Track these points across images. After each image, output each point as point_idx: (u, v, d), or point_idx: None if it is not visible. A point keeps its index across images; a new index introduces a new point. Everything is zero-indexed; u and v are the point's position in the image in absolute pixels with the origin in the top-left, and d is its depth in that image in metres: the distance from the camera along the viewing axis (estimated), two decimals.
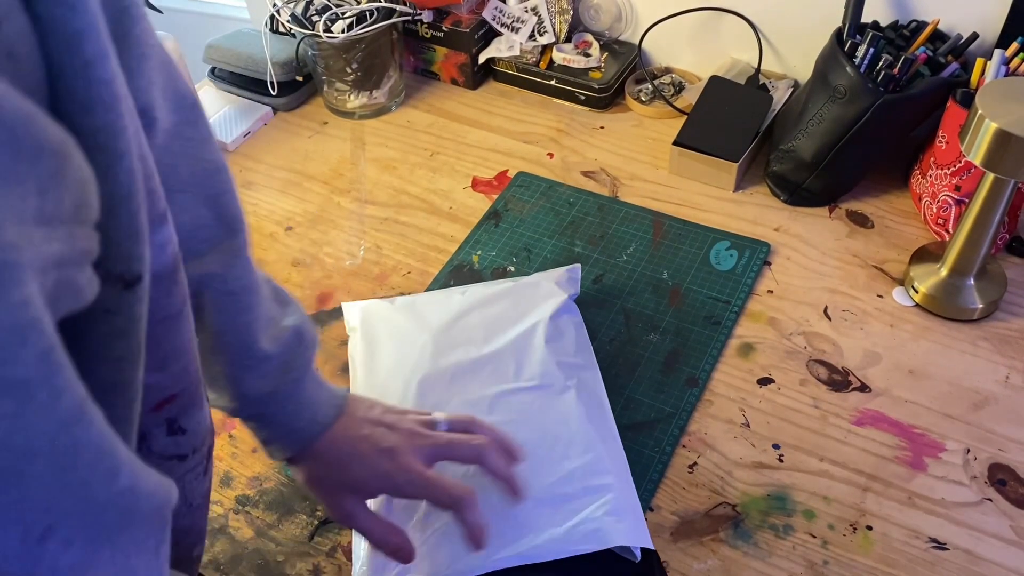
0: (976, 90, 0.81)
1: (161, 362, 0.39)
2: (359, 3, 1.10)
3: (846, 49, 0.93)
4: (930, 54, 0.92)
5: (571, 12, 1.16)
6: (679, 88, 1.14)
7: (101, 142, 0.28)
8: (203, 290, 0.53)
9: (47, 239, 0.25)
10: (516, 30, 1.16)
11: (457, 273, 0.93)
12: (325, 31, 1.06)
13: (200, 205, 0.52)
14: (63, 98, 0.27)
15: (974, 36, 0.92)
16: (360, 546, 0.68)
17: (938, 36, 0.95)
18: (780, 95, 1.07)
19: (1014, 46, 0.86)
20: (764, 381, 0.81)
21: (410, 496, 0.63)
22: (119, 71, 0.29)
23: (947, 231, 0.91)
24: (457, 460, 0.63)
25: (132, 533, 0.31)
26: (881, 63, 0.90)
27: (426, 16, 1.16)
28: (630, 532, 0.66)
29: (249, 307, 0.56)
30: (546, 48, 1.17)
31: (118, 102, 0.29)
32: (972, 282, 0.84)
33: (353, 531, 0.69)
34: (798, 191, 0.98)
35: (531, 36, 1.16)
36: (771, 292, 0.89)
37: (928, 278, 0.85)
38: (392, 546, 0.62)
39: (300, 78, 1.18)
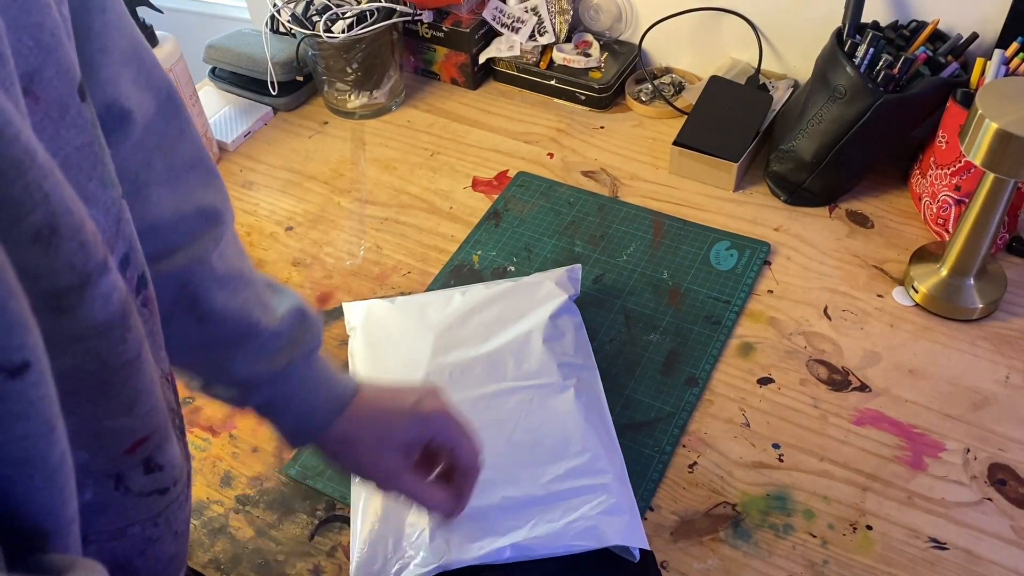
0: (976, 90, 0.81)
1: (126, 407, 0.38)
2: (359, 3, 1.10)
3: (846, 49, 0.93)
4: (930, 54, 0.92)
5: (571, 12, 1.16)
6: (679, 88, 1.14)
7: None
8: (191, 281, 0.52)
9: None
10: (516, 30, 1.16)
11: (457, 273, 0.93)
12: (325, 31, 1.06)
13: (178, 200, 0.50)
14: None
15: (974, 36, 0.92)
16: (358, 536, 0.68)
17: (938, 36, 0.95)
18: (780, 95, 1.07)
19: (1014, 46, 0.86)
20: (764, 381, 0.81)
21: (445, 441, 0.63)
22: None
23: (947, 231, 0.91)
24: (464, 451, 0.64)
25: None
26: (881, 63, 0.90)
27: (426, 16, 1.16)
28: (626, 532, 0.66)
29: (239, 288, 0.55)
30: (546, 48, 1.17)
31: None
32: (972, 282, 0.84)
33: (352, 523, 0.69)
34: (798, 191, 0.98)
35: (531, 36, 1.16)
36: (771, 292, 0.89)
37: (928, 278, 0.85)
38: (439, 501, 0.63)
39: (300, 78, 1.18)
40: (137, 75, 0.46)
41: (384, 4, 1.09)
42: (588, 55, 1.15)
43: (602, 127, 1.12)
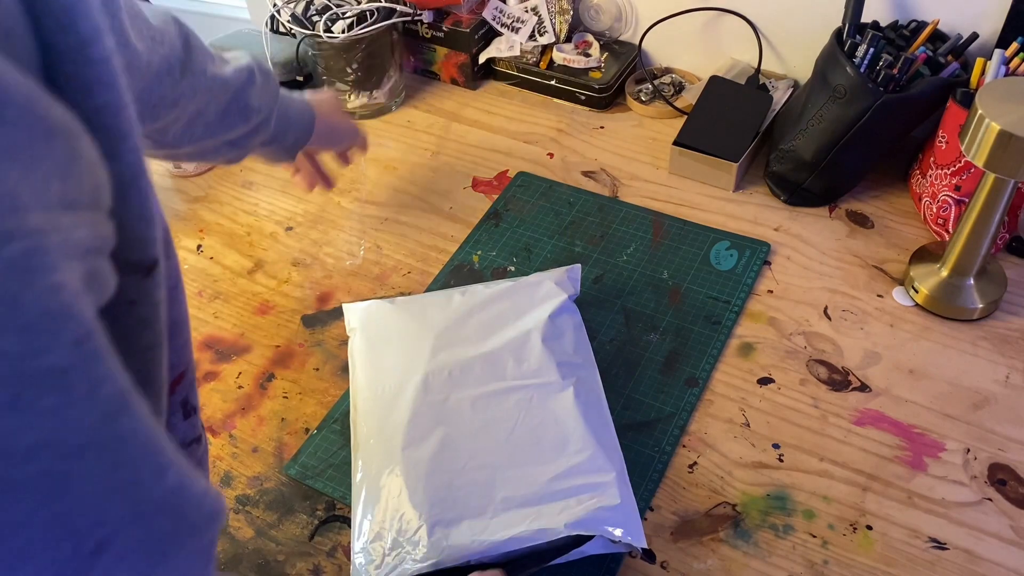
0: (976, 90, 0.81)
1: (165, 336, 0.38)
2: (359, 3, 1.10)
3: (846, 49, 0.92)
4: (930, 54, 0.92)
5: (571, 12, 1.16)
6: (679, 88, 1.14)
7: (103, 123, 0.27)
8: (203, 72, 0.68)
9: (74, 225, 0.24)
10: (516, 30, 1.16)
11: (457, 273, 0.93)
12: (325, 31, 1.06)
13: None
14: (59, 80, 0.26)
15: (974, 36, 0.92)
16: (358, 535, 0.68)
17: (938, 36, 0.95)
18: (780, 95, 1.07)
19: (1014, 46, 0.86)
20: (764, 381, 0.81)
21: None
22: (114, 48, 0.27)
23: (947, 231, 0.91)
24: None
25: (182, 552, 0.30)
26: (881, 63, 0.90)
27: (426, 16, 1.16)
28: (625, 531, 0.66)
29: (217, 57, 0.71)
30: (546, 48, 1.17)
31: (116, 80, 0.27)
32: (972, 282, 0.84)
33: (352, 522, 0.69)
34: (798, 191, 0.98)
35: (531, 36, 1.16)
36: (771, 292, 0.89)
37: (928, 278, 0.85)
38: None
39: (300, 78, 1.18)
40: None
41: (384, 4, 1.09)
42: (588, 55, 1.15)
43: (602, 127, 1.12)
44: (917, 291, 0.86)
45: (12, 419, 0.23)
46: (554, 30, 1.15)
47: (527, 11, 1.15)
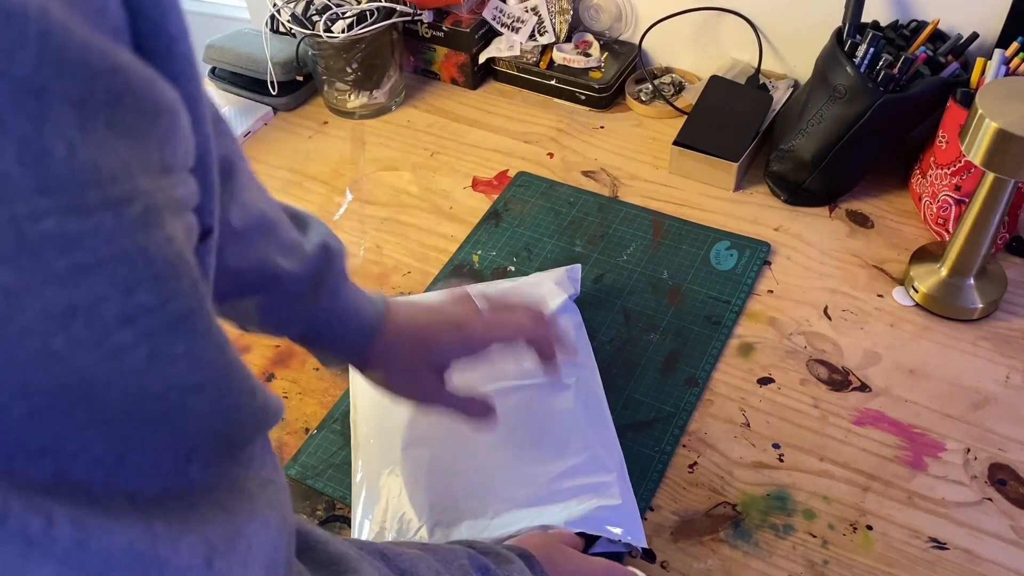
0: (976, 90, 0.81)
1: None
2: (359, 3, 1.10)
3: (846, 49, 0.93)
4: (930, 54, 0.92)
5: (571, 12, 1.16)
6: (679, 88, 1.14)
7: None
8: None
9: (173, 185, 0.27)
10: (516, 30, 1.16)
11: (457, 273, 0.93)
12: (325, 31, 1.06)
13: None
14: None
15: (974, 36, 0.92)
16: (358, 535, 0.68)
17: (938, 36, 0.95)
18: (780, 95, 1.07)
19: (1014, 46, 0.86)
20: (764, 381, 0.81)
21: (478, 349, 0.65)
22: (193, 46, 0.32)
23: (947, 231, 0.91)
24: (504, 337, 0.66)
25: (253, 445, 0.34)
26: (881, 63, 0.90)
27: (426, 16, 1.16)
28: (625, 531, 0.66)
29: (257, 239, 0.56)
30: (546, 48, 1.17)
31: (196, 73, 0.31)
32: (972, 282, 0.84)
33: (352, 523, 0.69)
34: (798, 191, 0.98)
35: (531, 36, 1.16)
36: (771, 292, 0.89)
37: (928, 278, 0.86)
38: (476, 411, 0.66)
39: (300, 78, 1.18)
40: None
41: (384, 4, 1.09)
42: (588, 55, 1.15)
43: (602, 127, 1.12)
44: (917, 291, 0.86)
45: (151, 372, 0.26)
46: (554, 30, 1.15)
47: (527, 11, 1.15)
